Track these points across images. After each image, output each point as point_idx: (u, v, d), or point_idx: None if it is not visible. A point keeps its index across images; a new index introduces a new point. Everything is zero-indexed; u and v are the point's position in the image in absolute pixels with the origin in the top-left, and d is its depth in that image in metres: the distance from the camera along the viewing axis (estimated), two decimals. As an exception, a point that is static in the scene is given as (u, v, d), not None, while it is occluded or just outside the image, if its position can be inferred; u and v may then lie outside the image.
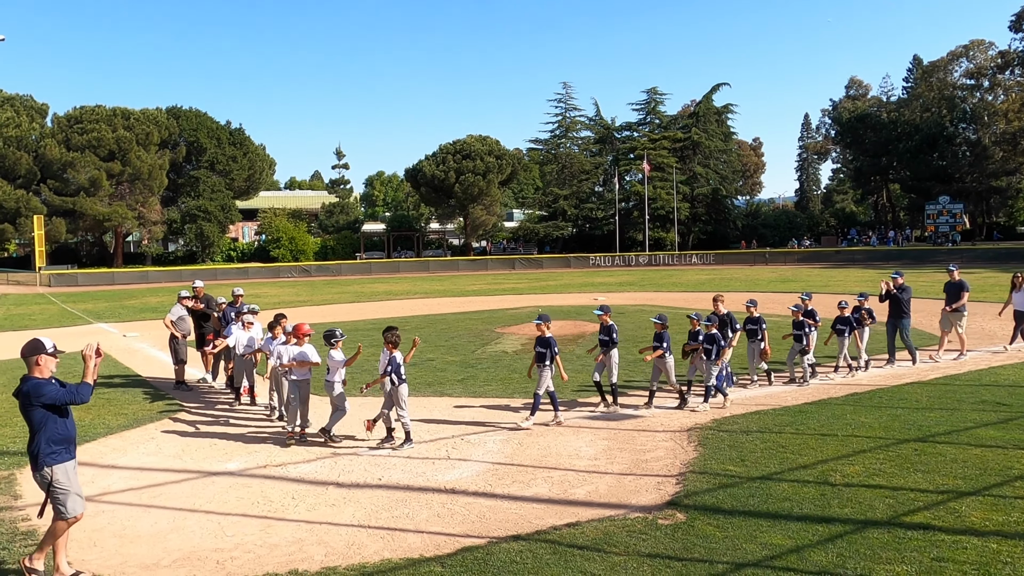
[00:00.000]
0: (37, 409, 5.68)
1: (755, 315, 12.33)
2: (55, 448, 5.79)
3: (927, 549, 5.89)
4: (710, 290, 32.58)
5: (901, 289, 13.82)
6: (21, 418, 11.21)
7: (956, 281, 14.51)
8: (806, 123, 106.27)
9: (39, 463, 5.75)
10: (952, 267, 15.12)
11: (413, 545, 6.36)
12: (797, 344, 12.42)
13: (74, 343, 19.93)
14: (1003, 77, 69.00)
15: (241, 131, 73.09)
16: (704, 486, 7.53)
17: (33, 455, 5.79)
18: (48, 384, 5.74)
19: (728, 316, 11.91)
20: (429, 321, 22.85)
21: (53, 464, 5.77)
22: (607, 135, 78.00)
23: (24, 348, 5.89)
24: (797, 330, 12.43)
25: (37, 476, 5.82)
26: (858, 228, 76.35)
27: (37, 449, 5.75)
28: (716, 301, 12.19)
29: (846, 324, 12.81)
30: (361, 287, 42.01)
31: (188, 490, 8.05)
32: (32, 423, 5.74)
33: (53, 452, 5.78)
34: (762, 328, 12.22)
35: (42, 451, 5.74)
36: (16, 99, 67.11)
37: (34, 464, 5.79)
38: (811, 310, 12.65)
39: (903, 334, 13.73)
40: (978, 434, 8.98)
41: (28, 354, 5.81)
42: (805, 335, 12.32)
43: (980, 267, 43.01)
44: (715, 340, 10.91)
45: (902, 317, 13.74)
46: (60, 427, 5.83)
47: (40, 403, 5.67)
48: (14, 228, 59.25)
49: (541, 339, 10.31)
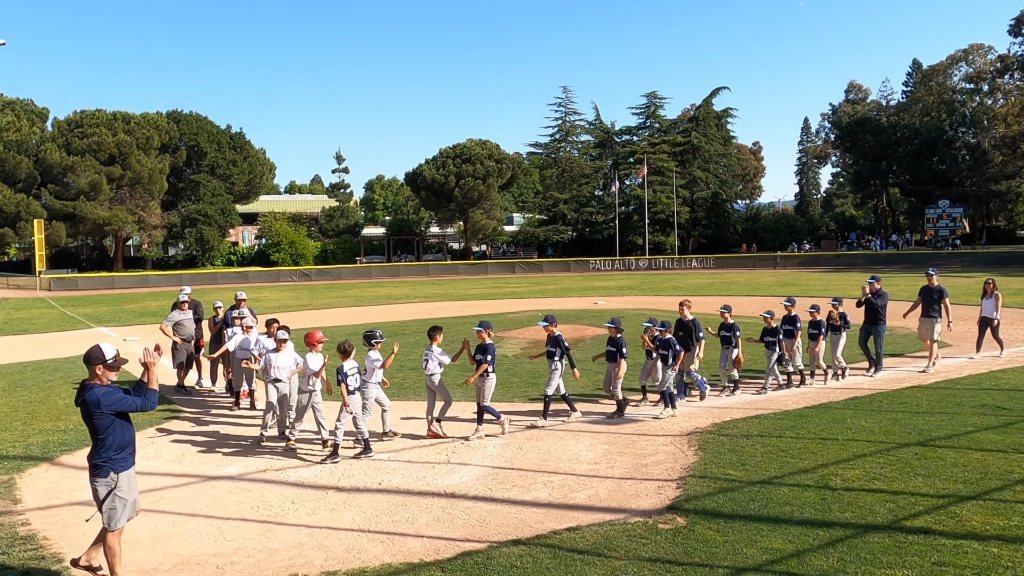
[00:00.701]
0: (106, 416, 5.62)
1: (729, 321, 12.03)
2: (122, 454, 5.75)
3: (928, 553, 5.89)
4: (710, 294, 32.59)
5: (877, 295, 13.44)
6: (20, 422, 11.31)
7: (935, 286, 13.99)
8: (806, 127, 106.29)
9: (104, 470, 5.67)
10: (931, 271, 14.56)
11: (413, 549, 6.35)
12: (770, 352, 12.20)
13: (74, 347, 19.97)
14: (1002, 81, 69.02)
15: (241, 135, 73.13)
16: (704, 490, 7.52)
17: (97, 462, 5.69)
18: (116, 391, 5.71)
19: (693, 323, 11.69)
20: (428, 324, 22.84)
21: (120, 471, 5.72)
22: (607, 139, 78.03)
23: (85, 356, 5.83)
24: (770, 337, 12.18)
25: (100, 483, 5.70)
26: (858, 232, 76.33)
27: (104, 456, 5.67)
28: (682, 306, 12.00)
29: (817, 328, 12.63)
30: (361, 291, 42.00)
31: (188, 494, 8.05)
32: (98, 430, 5.65)
33: (120, 458, 5.73)
34: (735, 335, 11.93)
35: (111, 458, 5.67)
36: (17, 103, 67.29)
37: (97, 472, 5.69)
38: (794, 316, 12.41)
39: (876, 341, 13.38)
40: (978, 438, 8.98)
41: (87, 362, 5.78)
42: (778, 342, 12.07)
43: (981, 271, 42.95)
44: (670, 346, 10.75)
45: (877, 323, 13.37)
46: (126, 433, 5.81)
47: (112, 411, 5.62)
48: (14, 232, 59.26)
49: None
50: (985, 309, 14.84)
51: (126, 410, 5.70)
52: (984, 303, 14.91)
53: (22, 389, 14.15)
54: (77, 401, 5.73)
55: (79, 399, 5.70)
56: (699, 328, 11.72)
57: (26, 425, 11.22)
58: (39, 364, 17.32)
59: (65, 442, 10.14)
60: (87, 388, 5.70)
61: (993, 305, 14.76)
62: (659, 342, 10.91)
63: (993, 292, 14.83)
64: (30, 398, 13.26)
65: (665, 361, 10.82)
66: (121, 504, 5.72)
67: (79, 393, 5.74)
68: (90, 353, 5.84)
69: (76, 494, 8.13)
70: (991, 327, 14.77)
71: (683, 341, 11.45)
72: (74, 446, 9.93)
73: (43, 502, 7.90)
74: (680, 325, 11.84)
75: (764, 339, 12.27)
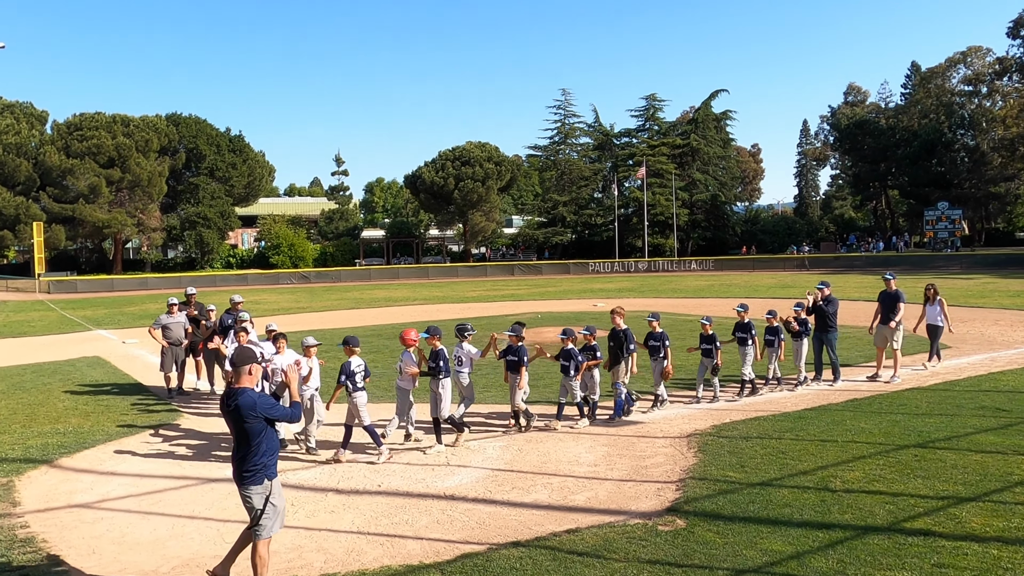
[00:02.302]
0: (260, 421, 5.46)
1: (657, 330, 11.25)
2: (272, 460, 5.60)
3: (928, 555, 5.88)
4: (709, 296, 32.62)
5: (827, 301, 12.92)
6: (20, 425, 11.31)
7: (892, 291, 13.37)
8: (805, 129, 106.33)
9: (259, 477, 5.48)
10: (888, 276, 13.83)
11: (413, 552, 6.34)
12: (707, 360, 11.58)
13: (73, 350, 19.96)
14: (1001, 83, 69.15)
15: (241, 138, 73.16)
16: (704, 492, 7.52)
17: (249, 469, 5.48)
18: (268, 396, 5.65)
19: (625, 332, 10.82)
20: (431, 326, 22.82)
21: (273, 477, 5.57)
22: (606, 141, 78.09)
23: (235, 356, 5.68)
24: (706, 344, 11.56)
25: (256, 491, 5.49)
26: (857, 234, 76.36)
27: (259, 463, 5.49)
28: (614, 314, 11.17)
29: (774, 335, 12.10)
30: (360, 293, 41.99)
31: (187, 497, 8.04)
32: (250, 436, 5.45)
33: (272, 464, 5.59)
34: (664, 345, 11.16)
35: (265, 464, 5.51)
36: (16, 106, 67.15)
37: (251, 479, 5.48)
38: (747, 323, 11.83)
39: (829, 349, 12.84)
40: (978, 440, 8.98)
41: (240, 363, 5.59)
42: (715, 350, 11.48)
43: (979, 273, 43.06)
44: (571, 356, 10.32)
45: (827, 331, 12.82)
46: (275, 440, 5.69)
47: (264, 416, 5.48)
48: (13, 235, 59.21)
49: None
50: (929, 316, 14.12)
51: (275, 417, 5.57)
52: (927, 310, 14.18)
53: (21, 391, 14.14)
54: (228, 406, 5.50)
55: (230, 404, 5.47)
56: (631, 339, 10.85)
57: (25, 427, 11.21)
58: (38, 367, 17.31)
59: (64, 444, 10.13)
60: (238, 392, 5.49)
61: (938, 312, 14.05)
62: (561, 352, 10.41)
63: (936, 298, 14.13)
64: (29, 400, 13.25)
65: (566, 372, 10.38)
66: (274, 511, 5.55)
67: (228, 398, 5.52)
68: (243, 353, 5.67)
69: (75, 496, 8.13)
70: (937, 334, 14.02)
71: (614, 351, 10.87)
72: (73, 449, 9.93)
73: (42, 504, 7.89)
74: (612, 334, 11.05)
75: (702, 347, 11.67)
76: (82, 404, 12.84)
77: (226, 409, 5.55)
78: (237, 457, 5.56)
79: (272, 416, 5.56)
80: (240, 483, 5.54)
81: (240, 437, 5.52)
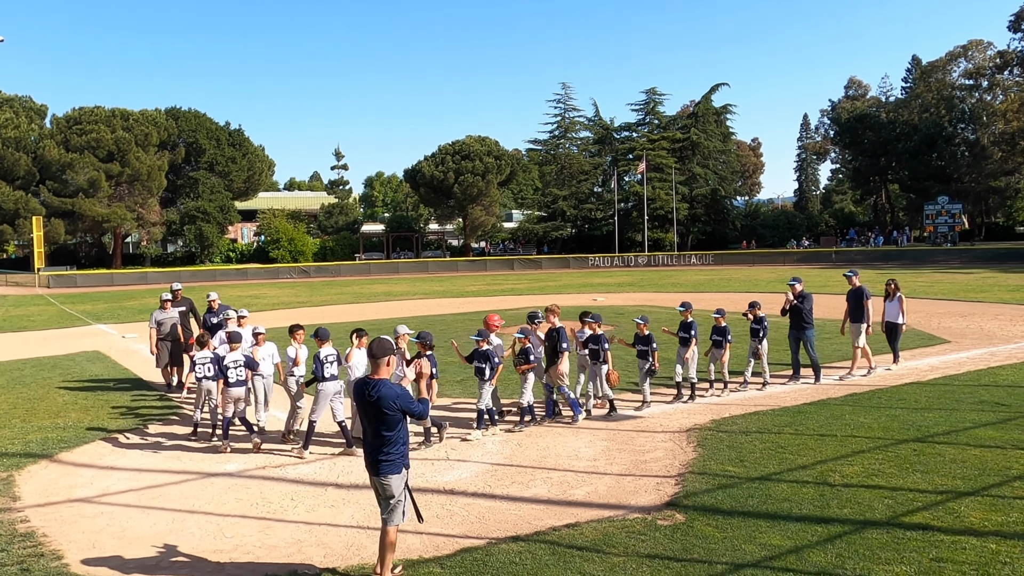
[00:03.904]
0: (397, 412, 5.53)
1: (597, 332, 10.66)
2: (407, 449, 5.74)
3: (926, 549, 5.90)
4: (709, 291, 32.60)
5: (801, 298, 12.56)
6: (20, 419, 11.32)
7: (857, 288, 13.08)
8: (805, 123, 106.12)
9: (397, 465, 5.59)
10: (849, 273, 13.53)
11: (412, 546, 6.36)
12: (642, 362, 10.97)
13: (73, 345, 19.97)
14: (1002, 77, 68.99)
15: (240, 132, 73.06)
16: (703, 487, 7.53)
17: (389, 459, 5.57)
18: (406, 391, 5.74)
19: (559, 331, 10.35)
20: (428, 322, 22.80)
21: (408, 467, 5.72)
22: (606, 135, 77.96)
23: (375, 347, 5.67)
24: (642, 346, 10.91)
25: (394, 479, 5.57)
26: (857, 228, 76.33)
27: (398, 451, 5.60)
28: (549, 312, 10.62)
29: (721, 335, 11.55)
30: (360, 288, 41.99)
31: (187, 491, 8.05)
32: (389, 426, 5.52)
33: (407, 453, 5.72)
34: (604, 347, 10.55)
35: (403, 453, 5.64)
36: (15, 100, 67.10)
37: (389, 468, 5.56)
38: (690, 322, 11.29)
39: (807, 347, 12.50)
40: (977, 434, 8.99)
41: (379, 355, 5.63)
42: (651, 352, 10.83)
43: (979, 267, 43.03)
44: (487, 358, 9.78)
45: (804, 328, 12.48)
46: (407, 431, 5.81)
47: (401, 408, 5.54)
48: (13, 229, 59.20)
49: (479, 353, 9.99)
50: (888, 313, 13.56)
51: (410, 411, 5.64)
52: (887, 306, 13.61)
53: (21, 386, 14.15)
54: (368, 396, 5.53)
55: (370, 394, 5.51)
56: (564, 337, 10.35)
57: (25, 422, 11.22)
58: (38, 361, 17.32)
59: (64, 439, 10.14)
60: (378, 383, 5.54)
61: (897, 308, 13.49)
62: (475, 353, 9.93)
63: (896, 294, 13.55)
64: (29, 395, 13.26)
65: (480, 375, 9.81)
66: (406, 498, 5.67)
67: (366, 388, 5.55)
68: (382, 344, 5.68)
69: (75, 491, 8.14)
70: (895, 333, 13.53)
71: (548, 351, 10.44)
72: (73, 443, 9.94)
73: (42, 499, 7.90)
74: (547, 334, 10.57)
75: (637, 347, 11.03)
76: (82, 399, 12.85)
77: (365, 399, 5.59)
78: (373, 446, 5.63)
79: (408, 409, 5.63)
80: (376, 472, 5.60)
81: (378, 427, 5.58)
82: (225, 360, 9.69)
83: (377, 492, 5.70)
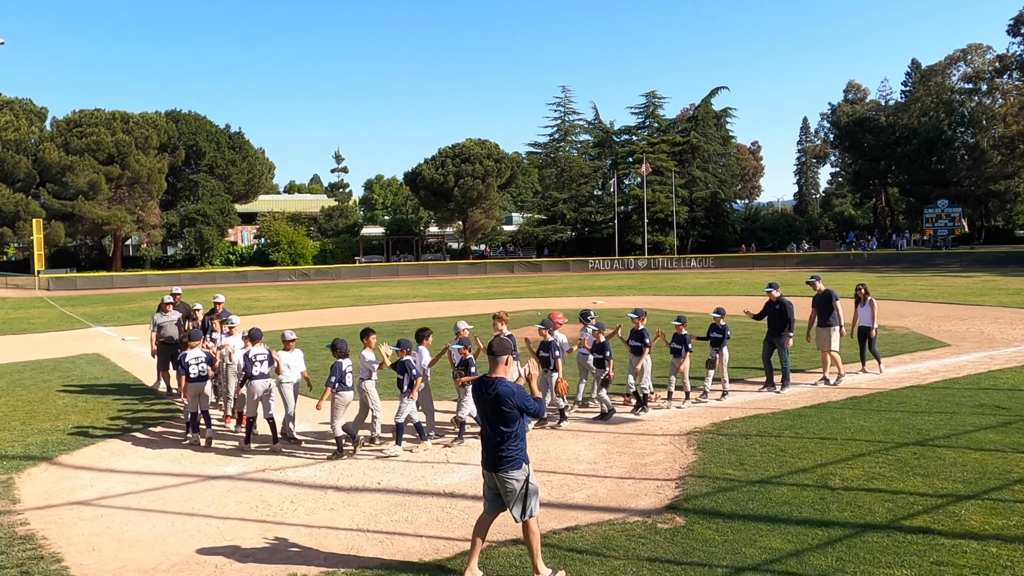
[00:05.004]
0: (515, 409, 5.63)
1: (548, 339, 10.30)
2: (526, 444, 5.82)
3: (926, 553, 5.89)
4: (709, 294, 32.62)
5: (779, 303, 12.34)
6: (19, 422, 11.31)
7: (823, 292, 12.88)
8: (805, 127, 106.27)
9: (518, 461, 5.67)
10: (813, 279, 13.31)
11: (412, 549, 6.35)
12: (599, 370, 10.59)
13: (72, 347, 19.96)
14: (1001, 81, 69.12)
15: (240, 135, 73.06)
16: (703, 490, 7.52)
17: (510, 455, 5.66)
18: (522, 389, 5.81)
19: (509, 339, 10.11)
20: (428, 325, 22.83)
21: (528, 461, 5.77)
22: (606, 139, 78.04)
23: (495, 346, 5.84)
24: (598, 354, 10.59)
25: (516, 474, 5.65)
26: (857, 232, 76.36)
27: (518, 447, 5.69)
28: (496, 320, 10.17)
29: (681, 343, 11.19)
30: (360, 291, 41.98)
31: (187, 494, 8.05)
32: (509, 422, 5.64)
33: (526, 448, 5.80)
34: (555, 355, 10.17)
35: (523, 448, 5.72)
36: (15, 103, 67.16)
37: (510, 464, 5.64)
38: (642, 330, 10.88)
39: (781, 354, 12.24)
40: (977, 438, 8.99)
41: (499, 353, 5.80)
42: (606, 360, 10.47)
43: (979, 271, 43.05)
44: (405, 369, 9.35)
45: (779, 335, 12.22)
46: (525, 428, 5.91)
47: (517, 405, 5.62)
48: (13, 232, 59.16)
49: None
50: (861, 318, 13.41)
51: (527, 408, 5.72)
52: (859, 311, 13.45)
53: (21, 389, 14.14)
54: (487, 394, 5.65)
55: (490, 391, 5.62)
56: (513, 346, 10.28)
57: (25, 425, 11.21)
58: (38, 363, 17.31)
59: (64, 442, 10.13)
60: (496, 382, 5.66)
61: (869, 313, 13.35)
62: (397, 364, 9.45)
63: (867, 299, 13.41)
64: (29, 398, 13.25)
65: (400, 386, 9.41)
66: (535, 490, 5.75)
67: (487, 386, 5.66)
68: (502, 343, 5.87)
69: (75, 493, 8.13)
70: (869, 338, 13.38)
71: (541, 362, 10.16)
72: (73, 446, 9.93)
73: (42, 502, 7.89)
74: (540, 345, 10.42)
75: (593, 355, 10.76)
76: (82, 401, 12.84)
77: (484, 397, 5.69)
78: (492, 443, 5.71)
79: (524, 407, 5.70)
80: (496, 469, 5.67)
81: (497, 424, 5.67)
82: (249, 354, 9.81)
83: (496, 489, 5.76)
